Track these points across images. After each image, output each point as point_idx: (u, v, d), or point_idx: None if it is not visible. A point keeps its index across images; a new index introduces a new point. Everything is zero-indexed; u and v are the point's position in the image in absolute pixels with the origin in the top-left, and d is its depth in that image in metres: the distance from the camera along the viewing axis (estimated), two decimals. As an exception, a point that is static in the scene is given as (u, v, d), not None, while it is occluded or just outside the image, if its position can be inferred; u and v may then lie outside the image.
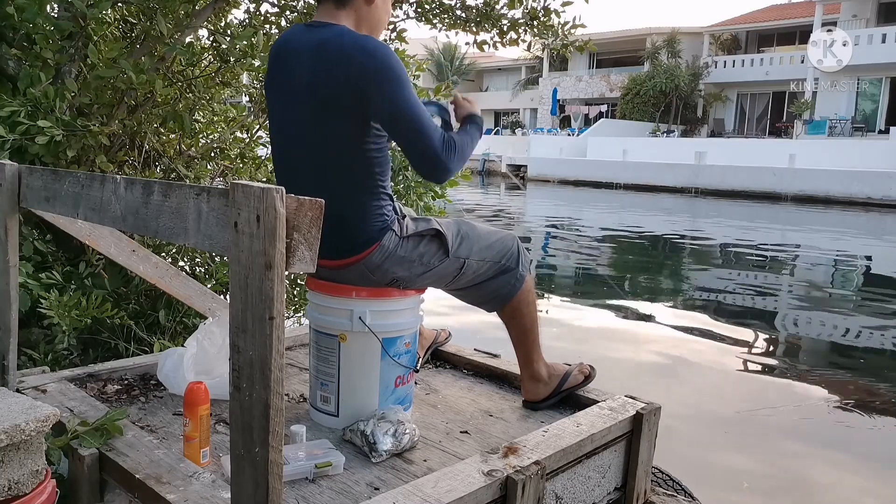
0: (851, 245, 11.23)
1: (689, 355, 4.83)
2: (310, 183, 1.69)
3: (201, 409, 1.53)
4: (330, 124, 1.64)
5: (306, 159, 1.72)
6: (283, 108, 1.73)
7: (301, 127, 1.70)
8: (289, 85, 1.69)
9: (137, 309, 2.77)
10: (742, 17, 32.93)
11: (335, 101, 1.61)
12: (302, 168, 1.74)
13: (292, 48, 1.70)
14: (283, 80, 1.72)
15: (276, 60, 1.75)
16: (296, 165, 1.76)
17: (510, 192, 22.00)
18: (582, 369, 2.09)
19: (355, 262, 1.73)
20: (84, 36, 2.61)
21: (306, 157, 1.72)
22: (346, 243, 1.71)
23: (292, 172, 1.77)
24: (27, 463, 1.30)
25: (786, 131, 27.31)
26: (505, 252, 1.92)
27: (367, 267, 1.74)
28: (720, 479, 2.98)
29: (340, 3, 1.68)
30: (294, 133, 1.73)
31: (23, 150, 2.37)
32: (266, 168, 3.48)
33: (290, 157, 1.78)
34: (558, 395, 2.03)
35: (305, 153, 1.71)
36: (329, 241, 1.65)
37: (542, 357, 2.03)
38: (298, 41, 1.69)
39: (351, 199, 1.69)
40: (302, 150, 1.72)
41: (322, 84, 1.61)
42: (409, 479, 1.54)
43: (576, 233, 12.18)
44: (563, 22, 3.17)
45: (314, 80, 1.62)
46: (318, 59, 1.62)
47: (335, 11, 1.69)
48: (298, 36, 1.71)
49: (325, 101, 1.62)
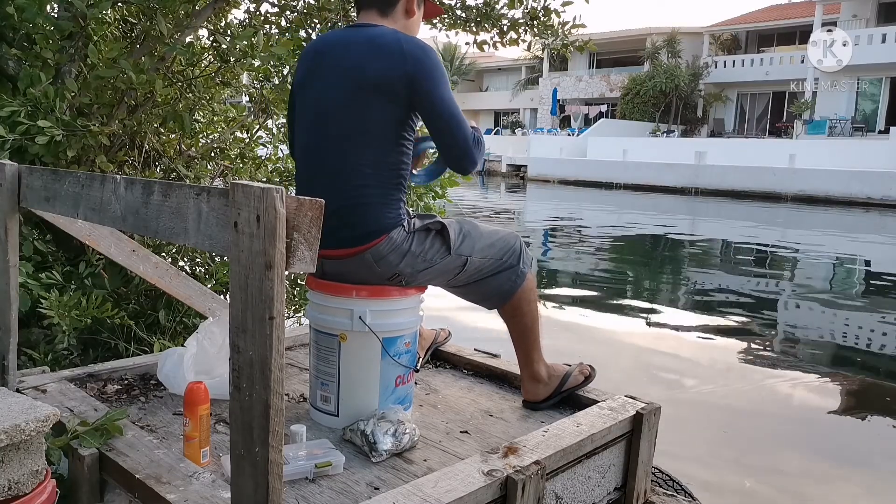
0: (851, 245, 11.23)
1: (689, 355, 4.83)
2: (339, 164, 1.75)
3: (201, 409, 1.53)
4: (375, 107, 1.72)
5: (341, 140, 1.76)
6: (324, 88, 1.79)
7: (342, 108, 1.75)
8: (336, 69, 1.77)
9: (137, 309, 2.77)
10: (742, 17, 32.93)
11: (388, 87, 1.70)
12: (333, 149, 1.77)
13: (339, 40, 1.81)
14: (328, 64, 1.79)
15: (319, 49, 1.85)
16: (328, 146, 1.78)
17: (510, 192, 22.00)
18: (582, 370, 2.09)
19: (363, 250, 1.74)
20: (84, 36, 2.61)
21: (341, 138, 1.75)
22: (357, 230, 1.74)
23: (322, 152, 1.80)
24: (27, 463, 1.30)
25: (786, 131, 27.31)
26: (507, 249, 1.93)
27: (373, 257, 1.75)
28: (720, 479, 2.98)
29: (384, 12, 1.83)
30: (332, 113, 1.77)
31: (23, 150, 2.37)
32: (266, 168, 3.48)
33: (324, 135, 1.79)
34: (558, 396, 2.03)
35: (341, 133, 1.76)
36: (341, 227, 1.71)
37: (543, 357, 2.03)
38: (345, 36, 1.81)
39: (374, 185, 1.75)
40: (338, 131, 1.76)
41: (374, 70, 1.71)
42: (409, 478, 1.54)
43: (576, 233, 12.18)
44: (563, 22, 3.17)
45: (366, 65, 1.72)
46: (373, 48, 1.73)
47: (378, 18, 1.83)
48: (343, 32, 1.84)
49: (378, 85, 1.71)
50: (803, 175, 18.94)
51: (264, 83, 3.38)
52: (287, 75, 3.23)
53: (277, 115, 3.44)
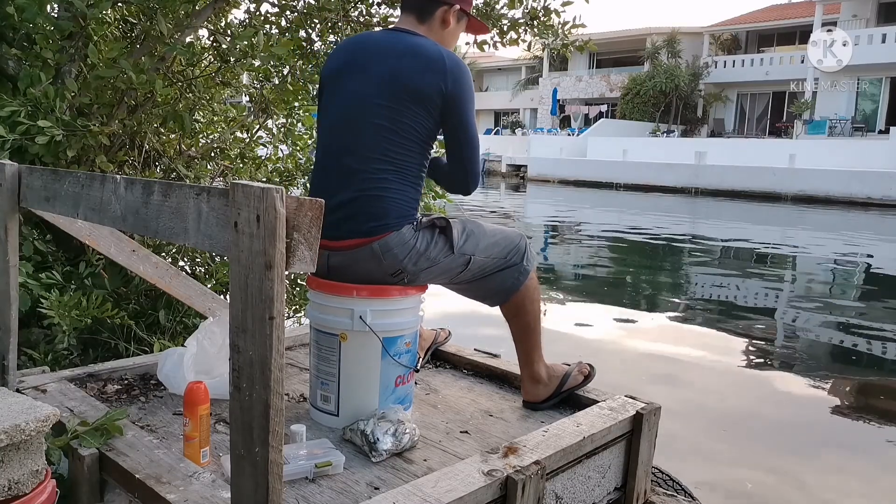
0: (851, 245, 11.23)
1: (689, 355, 4.83)
2: (364, 152, 1.78)
3: (201, 409, 1.53)
4: (410, 113, 1.77)
5: (370, 132, 1.78)
6: (365, 81, 1.82)
7: (378, 106, 1.78)
8: (372, 67, 1.81)
9: (137, 309, 2.77)
10: (742, 17, 32.93)
11: (427, 98, 1.76)
12: (361, 139, 1.79)
13: (381, 41, 1.86)
14: (366, 60, 1.83)
15: (363, 44, 1.90)
16: (356, 135, 1.81)
17: (510, 192, 22.00)
18: (581, 369, 2.09)
19: (371, 241, 1.75)
20: (84, 36, 2.61)
21: (371, 130, 1.78)
22: (370, 220, 1.76)
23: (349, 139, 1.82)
24: (27, 463, 1.30)
25: (786, 131, 27.31)
26: (512, 247, 1.94)
27: (381, 248, 1.76)
28: (720, 479, 2.98)
29: (422, 18, 1.89)
30: (368, 107, 1.79)
31: (23, 150, 2.37)
32: (266, 168, 3.48)
33: (354, 125, 1.82)
34: (558, 397, 2.03)
35: (371, 126, 1.78)
36: (355, 215, 1.75)
37: (543, 358, 2.03)
38: (386, 38, 1.87)
39: (393, 181, 1.78)
40: (369, 123, 1.78)
41: (412, 77, 1.76)
42: (409, 478, 1.54)
43: (576, 233, 12.18)
44: (563, 22, 3.17)
45: (410, 73, 1.77)
46: (418, 59, 1.78)
47: (416, 24, 1.89)
48: (384, 34, 1.91)
49: (415, 91, 1.76)
50: (803, 175, 18.94)
51: (264, 83, 3.38)
52: (287, 75, 3.23)
53: (277, 115, 3.44)
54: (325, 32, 3.23)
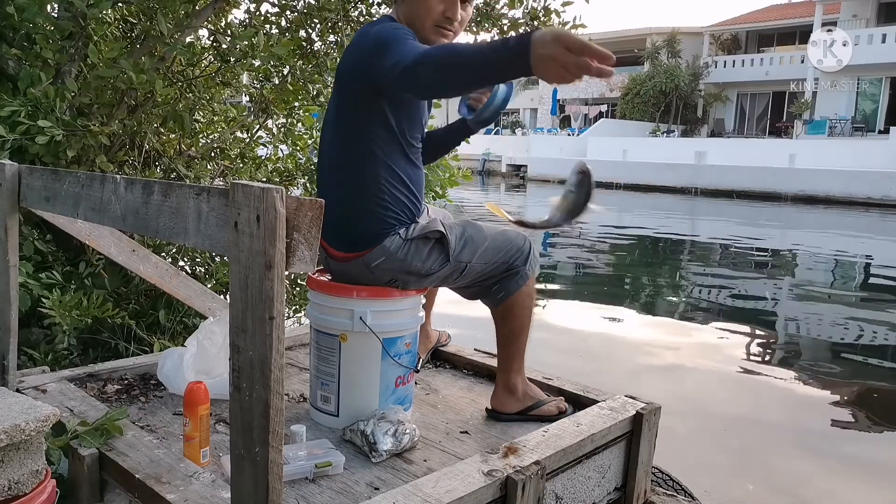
0: (851, 245, 11.23)
1: (688, 355, 4.82)
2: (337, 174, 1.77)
3: (201, 409, 1.53)
4: (356, 101, 1.70)
5: (340, 145, 1.76)
6: (333, 95, 1.81)
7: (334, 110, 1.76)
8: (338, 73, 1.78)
9: (137, 309, 2.77)
10: (742, 17, 32.92)
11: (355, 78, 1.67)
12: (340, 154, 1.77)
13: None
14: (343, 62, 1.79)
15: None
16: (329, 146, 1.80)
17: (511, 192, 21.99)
18: (559, 405, 1.97)
19: (357, 257, 1.75)
20: (84, 36, 2.60)
21: (341, 143, 1.75)
22: (351, 237, 1.75)
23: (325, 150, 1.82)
24: (27, 463, 1.30)
25: (786, 131, 27.30)
26: (515, 251, 1.87)
27: (365, 264, 1.75)
28: (720, 478, 2.98)
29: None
30: (332, 115, 1.78)
31: (23, 150, 2.37)
32: (266, 168, 3.48)
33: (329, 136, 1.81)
34: (524, 416, 1.91)
35: (342, 138, 1.75)
36: (341, 229, 1.72)
37: (523, 370, 1.95)
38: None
39: (374, 187, 1.72)
40: (340, 135, 1.76)
41: (347, 69, 1.72)
42: (409, 479, 1.54)
43: (575, 232, 12.18)
44: (563, 22, 3.17)
45: (343, 65, 1.73)
46: (352, 46, 1.73)
47: (393, 6, 1.82)
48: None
49: (350, 82, 1.70)
50: (803, 175, 18.93)
51: (264, 83, 3.38)
52: (287, 75, 3.23)
53: (277, 115, 3.44)
54: (325, 32, 3.23)
